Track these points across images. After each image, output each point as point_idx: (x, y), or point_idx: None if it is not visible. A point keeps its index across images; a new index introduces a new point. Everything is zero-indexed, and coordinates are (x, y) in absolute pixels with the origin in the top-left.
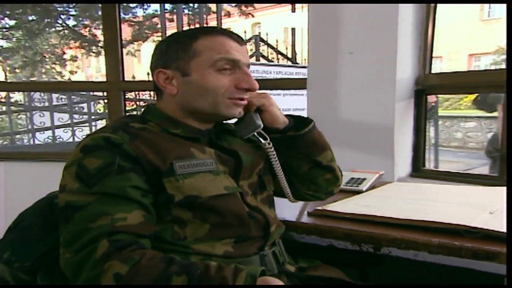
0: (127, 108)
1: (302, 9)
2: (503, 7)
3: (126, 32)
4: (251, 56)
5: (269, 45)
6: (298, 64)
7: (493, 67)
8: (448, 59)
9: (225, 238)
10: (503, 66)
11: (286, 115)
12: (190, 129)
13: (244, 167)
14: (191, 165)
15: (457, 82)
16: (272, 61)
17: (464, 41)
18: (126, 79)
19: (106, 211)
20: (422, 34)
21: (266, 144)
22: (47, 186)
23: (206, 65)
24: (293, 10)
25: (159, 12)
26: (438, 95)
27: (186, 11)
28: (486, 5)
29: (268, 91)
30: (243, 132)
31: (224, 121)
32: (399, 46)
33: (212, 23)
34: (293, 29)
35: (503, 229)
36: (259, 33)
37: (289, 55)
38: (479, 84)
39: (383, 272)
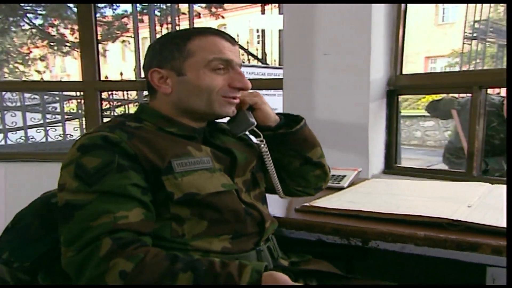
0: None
1: (272, 11)
2: (456, 12)
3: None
4: None
5: (240, 46)
6: (268, 65)
7: (448, 69)
8: (406, 61)
9: (222, 234)
10: (457, 68)
11: (277, 113)
12: (185, 127)
13: (238, 165)
14: (188, 163)
15: (426, 83)
16: (243, 62)
17: (421, 44)
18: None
19: (107, 209)
20: (393, 36)
21: (260, 141)
22: (22, 186)
23: (200, 65)
24: (263, 12)
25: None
26: (407, 96)
27: (156, 12)
28: (441, 10)
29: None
30: (236, 130)
31: (217, 120)
32: (373, 47)
33: (184, 23)
34: (262, 31)
35: (483, 221)
36: None
37: (259, 56)
38: (447, 85)
39: (370, 265)
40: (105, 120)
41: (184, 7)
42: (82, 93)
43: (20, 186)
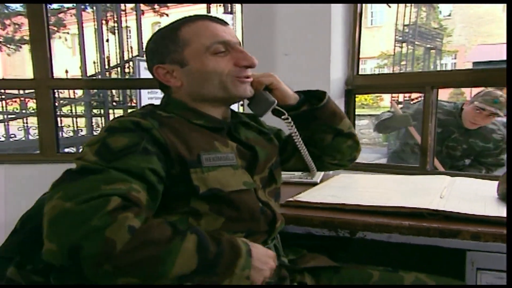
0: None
1: (217, 10)
2: (383, 16)
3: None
4: None
5: None
6: None
7: (377, 70)
8: None
9: (237, 232)
10: (386, 70)
11: (296, 92)
12: (212, 119)
13: (259, 162)
14: (215, 158)
15: (382, 83)
16: None
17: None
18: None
19: (124, 178)
20: (350, 37)
21: (286, 120)
22: None
23: (200, 50)
24: (208, 11)
25: (65, 8)
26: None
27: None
28: (369, 14)
29: None
30: (259, 111)
31: (236, 105)
32: (333, 48)
33: (132, 20)
34: None
35: (459, 210)
36: None
37: None
38: (401, 85)
39: (354, 254)
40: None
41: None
42: (33, 90)
43: None
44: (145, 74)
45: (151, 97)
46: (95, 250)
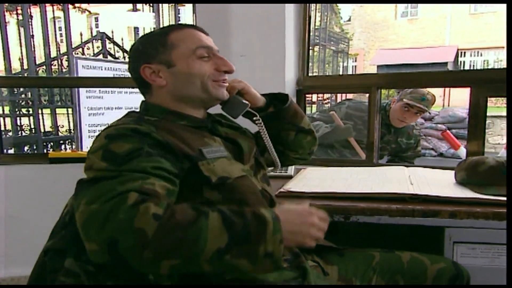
0: None
1: (143, 9)
2: None
3: None
4: (98, 54)
5: (115, 43)
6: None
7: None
8: None
9: None
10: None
11: (261, 94)
12: (193, 119)
13: (245, 153)
14: (212, 151)
15: (330, 84)
16: (119, 59)
17: None
18: None
19: (135, 177)
20: (300, 40)
21: (257, 120)
22: None
23: (187, 54)
24: (135, 9)
25: None
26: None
27: None
28: None
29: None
30: (234, 113)
31: (209, 108)
32: (287, 55)
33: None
34: (135, 28)
35: (436, 194)
36: (98, 30)
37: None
38: (348, 86)
39: (350, 237)
40: None
41: None
42: None
43: None
44: (84, 72)
45: (90, 95)
46: (130, 242)
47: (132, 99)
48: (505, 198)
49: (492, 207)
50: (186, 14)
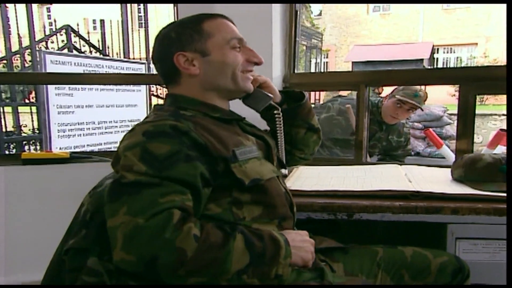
0: None
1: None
2: None
3: None
4: (63, 48)
5: (81, 37)
6: (110, 57)
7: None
8: None
9: (273, 219)
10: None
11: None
12: (226, 112)
13: (272, 151)
14: (245, 152)
15: (317, 81)
16: (84, 52)
17: None
18: None
19: (177, 190)
20: (287, 36)
21: (277, 114)
22: None
23: (222, 43)
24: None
25: None
26: None
27: None
28: None
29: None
30: (258, 106)
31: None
32: (273, 52)
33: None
34: (101, 21)
35: (438, 190)
36: (54, 23)
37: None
38: (337, 83)
39: (354, 235)
40: None
41: None
42: None
43: None
44: (53, 68)
45: (59, 93)
46: (170, 259)
47: (104, 96)
48: (505, 194)
49: (493, 203)
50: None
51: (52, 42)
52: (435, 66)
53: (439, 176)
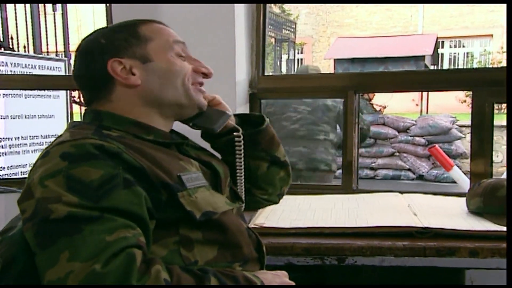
0: None
1: None
2: None
3: None
4: None
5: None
6: (15, 51)
7: None
8: None
9: (233, 262)
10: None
11: None
12: (161, 133)
13: (222, 181)
14: (192, 178)
15: (291, 86)
16: None
17: None
18: None
19: (124, 223)
20: (254, 31)
21: (237, 137)
22: None
23: (166, 48)
24: None
25: None
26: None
27: None
28: None
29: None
30: (215, 125)
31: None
32: (237, 47)
33: None
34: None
35: (450, 226)
36: None
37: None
38: (318, 89)
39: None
40: None
41: None
42: None
43: None
44: None
45: None
46: None
47: (7, 104)
48: None
49: None
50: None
51: None
52: (439, 64)
53: (451, 207)
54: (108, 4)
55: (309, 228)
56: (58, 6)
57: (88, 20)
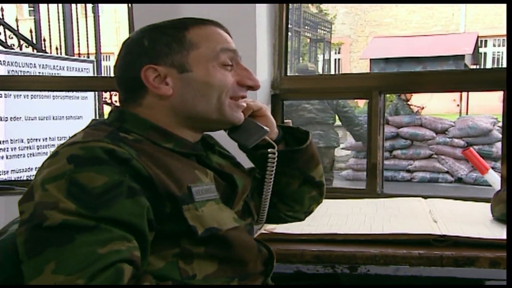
0: None
1: None
2: None
3: None
4: None
5: (5, 25)
6: (47, 53)
7: None
8: None
9: (233, 277)
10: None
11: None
12: (183, 142)
13: (238, 195)
14: (203, 190)
15: (314, 87)
16: (13, 48)
17: None
18: None
19: (120, 235)
20: (276, 31)
21: (272, 155)
22: None
23: (209, 57)
24: None
25: None
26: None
27: None
28: None
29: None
30: (248, 141)
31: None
32: (258, 47)
33: None
34: (35, 5)
35: (464, 234)
36: None
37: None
38: (342, 89)
39: None
40: None
41: None
42: None
43: None
44: None
45: None
46: None
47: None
48: None
49: None
50: None
51: None
52: (481, 64)
53: (476, 214)
54: (129, 5)
55: (320, 234)
56: (97, 7)
57: (127, 22)
